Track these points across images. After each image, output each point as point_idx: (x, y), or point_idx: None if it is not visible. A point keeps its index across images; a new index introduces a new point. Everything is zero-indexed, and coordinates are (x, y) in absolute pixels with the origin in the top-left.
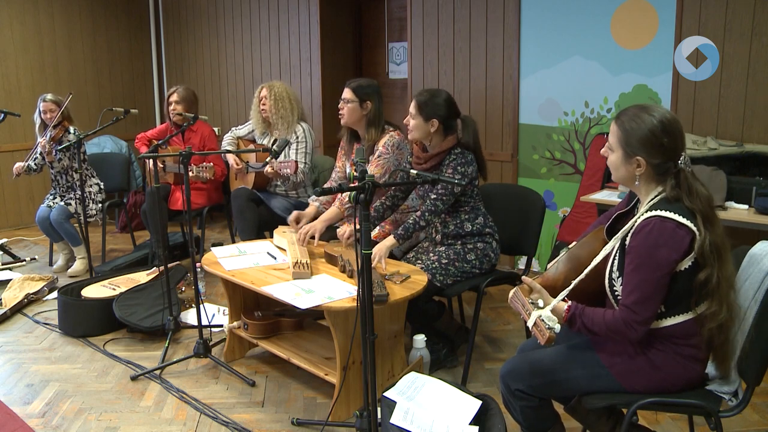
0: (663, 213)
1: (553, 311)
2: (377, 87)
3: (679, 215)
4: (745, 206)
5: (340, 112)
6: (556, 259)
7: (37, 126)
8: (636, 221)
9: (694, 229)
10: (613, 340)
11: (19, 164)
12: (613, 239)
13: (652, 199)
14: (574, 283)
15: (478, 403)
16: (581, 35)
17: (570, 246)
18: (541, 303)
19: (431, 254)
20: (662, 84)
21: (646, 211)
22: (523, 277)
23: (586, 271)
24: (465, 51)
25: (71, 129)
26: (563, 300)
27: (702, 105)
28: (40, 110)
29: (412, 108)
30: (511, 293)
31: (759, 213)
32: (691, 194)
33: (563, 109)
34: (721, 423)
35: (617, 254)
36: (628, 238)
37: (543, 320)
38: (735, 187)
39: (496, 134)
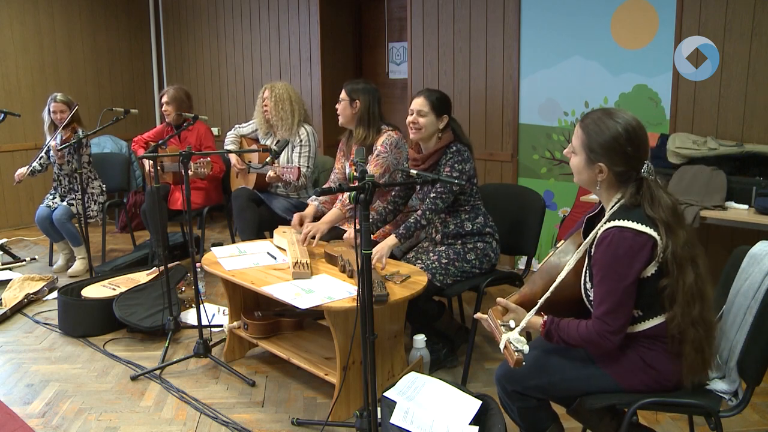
0: (621, 223)
1: (528, 327)
2: (371, 88)
3: (638, 223)
4: (745, 206)
5: (337, 111)
6: (541, 265)
7: (47, 125)
8: (598, 232)
9: (655, 235)
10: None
11: (21, 170)
12: (576, 252)
13: (612, 206)
14: (540, 301)
15: (478, 403)
16: (581, 35)
17: (558, 245)
18: (512, 324)
19: (431, 254)
20: (662, 84)
21: (607, 221)
22: (498, 299)
23: (552, 288)
24: (465, 51)
25: (80, 131)
26: (540, 314)
27: (702, 105)
28: (50, 110)
29: (421, 106)
30: (485, 316)
31: (759, 213)
32: (653, 203)
33: (563, 109)
34: (721, 423)
35: (588, 265)
36: (593, 249)
37: (511, 343)
38: (735, 187)
39: (496, 134)
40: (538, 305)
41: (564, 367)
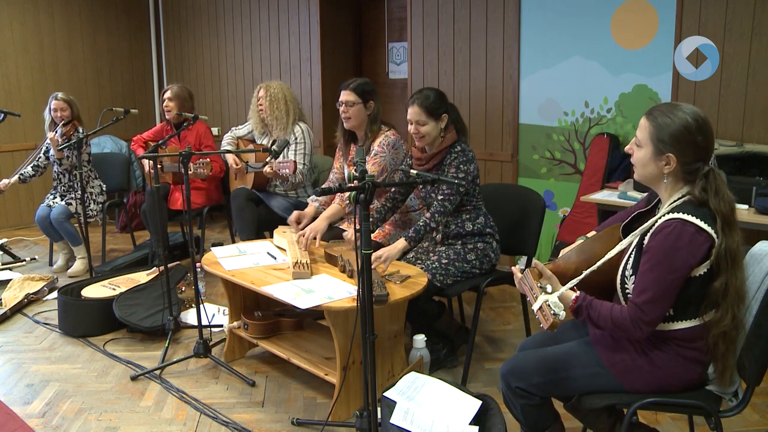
0: (685, 216)
1: (560, 299)
2: (372, 84)
3: (701, 220)
4: (745, 206)
5: (345, 116)
6: (569, 248)
7: (47, 123)
8: (657, 221)
9: (714, 235)
10: (614, 340)
11: (4, 181)
12: (631, 235)
13: (675, 200)
14: (585, 273)
15: (478, 403)
16: (581, 35)
17: (588, 235)
18: (549, 288)
19: (431, 254)
20: (662, 84)
21: (669, 212)
22: (535, 261)
23: (599, 263)
24: (465, 51)
25: (80, 129)
26: (572, 289)
27: (702, 105)
28: (50, 108)
29: (417, 115)
30: (519, 275)
31: (759, 213)
32: (718, 195)
33: (563, 109)
34: (721, 423)
35: (633, 252)
36: (646, 238)
37: (549, 305)
38: (735, 187)
39: (496, 134)
40: (577, 279)
41: (568, 366)
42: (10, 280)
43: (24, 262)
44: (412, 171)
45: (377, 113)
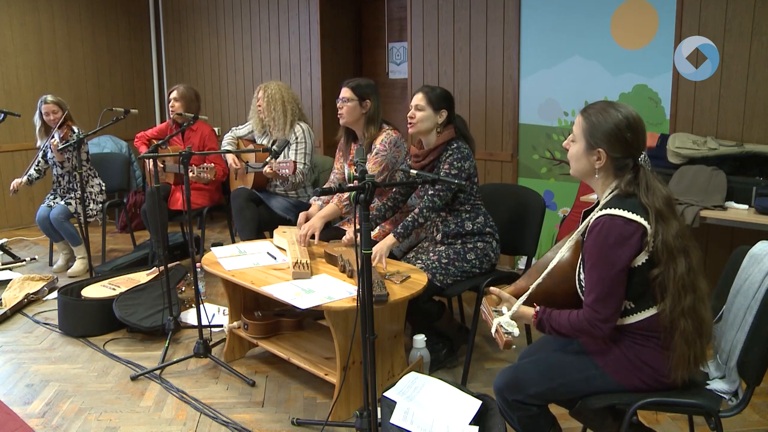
0: (612, 211)
1: (520, 316)
2: (375, 86)
3: (628, 211)
4: (745, 206)
5: (339, 111)
6: (534, 263)
7: (38, 128)
8: (589, 220)
9: (645, 224)
10: (599, 341)
11: (16, 181)
12: (568, 240)
13: (606, 196)
14: (531, 288)
15: (478, 403)
16: (581, 35)
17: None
18: (504, 310)
19: (431, 254)
20: (662, 84)
21: (600, 209)
22: (491, 288)
23: (543, 274)
24: (465, 51)
25: (75, 129)
26: (533, 306)
27: (702, 105)
28: (41, 112)
29: (419, 101)
30: (481, 304)
31: (759, 213)
32: (648, 190)
33: (563, 109)
34: (721, 423)
35: (582, 254)
36: (585, 237)
37: (502, 326)
38: (735, 187)
39: (496, 134)
40: (528, 292)
41: (563, 372)
42: (10, 280)
43: (24, 262)
44: (412, 171)
45: (374, 113)
